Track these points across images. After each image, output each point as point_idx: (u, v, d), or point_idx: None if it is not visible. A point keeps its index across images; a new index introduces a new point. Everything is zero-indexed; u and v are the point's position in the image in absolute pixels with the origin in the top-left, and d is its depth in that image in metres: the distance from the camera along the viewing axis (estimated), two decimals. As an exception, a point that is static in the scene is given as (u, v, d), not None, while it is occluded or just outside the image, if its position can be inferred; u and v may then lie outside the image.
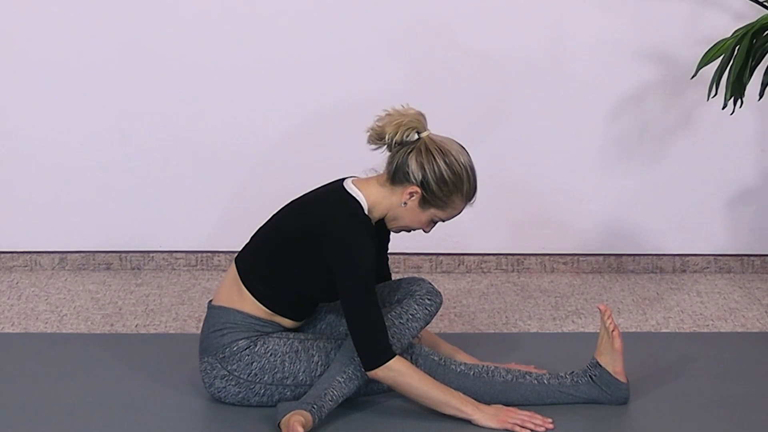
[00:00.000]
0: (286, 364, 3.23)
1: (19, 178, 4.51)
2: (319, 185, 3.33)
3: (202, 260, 4.58)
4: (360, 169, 3.29)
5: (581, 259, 4.60)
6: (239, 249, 3.35)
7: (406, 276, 3.69)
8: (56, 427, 3.17)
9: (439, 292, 3.35)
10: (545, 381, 3.30)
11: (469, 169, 3.20)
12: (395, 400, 3.30)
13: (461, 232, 4.44)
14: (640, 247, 4.60)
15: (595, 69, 4.44)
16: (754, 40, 3.87)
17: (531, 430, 3.16)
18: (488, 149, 4.40)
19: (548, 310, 4.19)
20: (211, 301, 3.34)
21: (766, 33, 3.89)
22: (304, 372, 3.24)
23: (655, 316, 4.14)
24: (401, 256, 4.56)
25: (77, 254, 4.57)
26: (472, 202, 3.25)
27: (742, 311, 4.18)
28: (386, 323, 3.18)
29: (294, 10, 4.39)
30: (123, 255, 4.58)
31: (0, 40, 4.40)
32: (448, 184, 3.17)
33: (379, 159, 3.24)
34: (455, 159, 3.17)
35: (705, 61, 3.92)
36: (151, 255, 4.58)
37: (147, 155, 4.49)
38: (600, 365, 3.30)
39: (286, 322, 3.30)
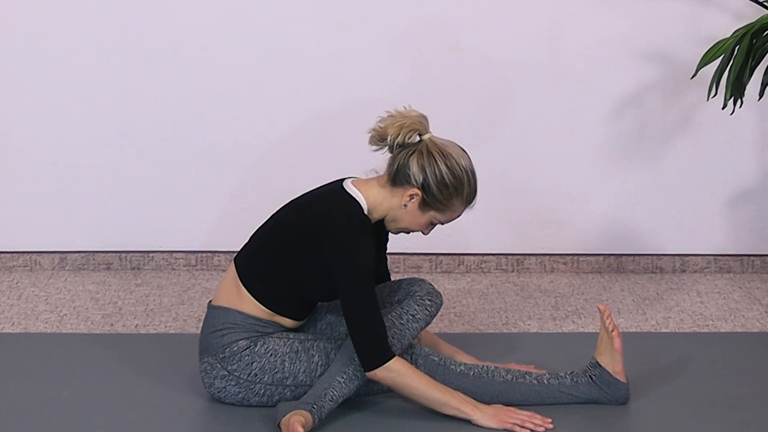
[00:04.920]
0: (286, 365, 3.23)
1: (19, 178, 4.51)
2: (319, 185, 3.33)
3: (201, 260, 4.58)
4: (360, 169, 3.29)
5: (581, 259, 4.60)
6: (239, 249, 3.35)
7: (406, 276, 3.70)
8: (56, 427, 3.17)
9: (440, 293, 3.35)
10: (545, 381, 3.30)
11: (469, 172, 3.20)
12: (395, 400, 3.30)
13: (461, 232, 4.43)
14: (640, 247, 4.60)
15: (595, 69, 4.44)
16: (754, 40, 3.87)
17: (531, 430, 3.16)
18: (489, 149, 4.40)
19: (548, 310, 4.19)
20: (210, 301, 3.34)
21: (766, 33, 3.89)
22: (304, 372, 3.24)
23: (655, 316, 4.14)
24: (401, 256, 4.56)
25: (77, 254, 4.57)
26: (471, 205, 3.25)
27: (742, 311, 4.18)
28: (386, 324, 3.19)
29: (295, 10, 4.39)
30: (123, 255, 4.58)
31: (0, 41, 4.40)
32: (448, 188, 3.17)
33: (380, 160, 3.24)
34: (456, 162, 3.17)
35: (705, 61, 3.92)
36: (151, 255, 4.58)
37: (147, 155, 4.49)
38: (600, 365, 3.30)
39: (287, 322, 3.30)
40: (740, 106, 3.98)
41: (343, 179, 3.27)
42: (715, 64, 3.95)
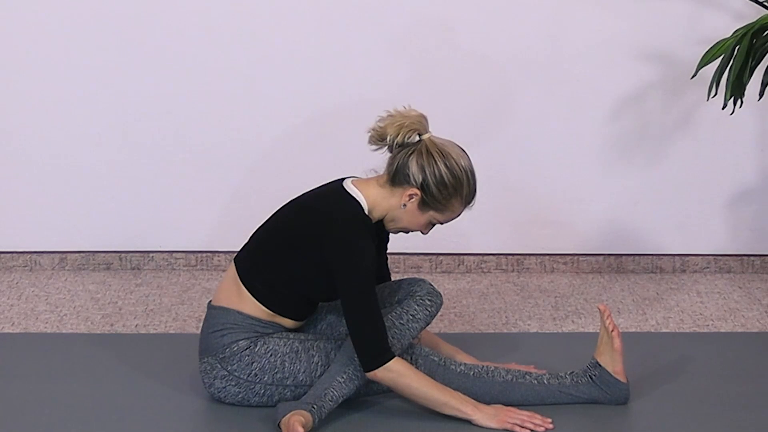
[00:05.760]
0: (286, 365, 3.23)
1: (19, 178, 4.51)
2: (319, 185, 3.33)
3: (201, 260, 4.58)
4: (360, 169, 3.29)
5: (581, 259, 4.60)
6: (239, 249, 3.35)
7: (406, 276, 3.70)
8: (56, 427, 3.17)
9: (440, 293, 3.35)
10: (545, 381, 3.30)
11: (469, 172, 3.20)
12: (395, 400, 3.30)
13: (461, 232, 4.44)
14: (640, 247, 4.60)
15: (595, 69, 4.44)
16: (754, 40, 3.87)
17: (531, 430, 3.16)
18: (489, 149, 4.40)
19: (548, 310, 4.19)
20: (210, 301, 3.34)
21: (766, 33, 3.89)
22: (304, 372, 3.24)
23: (655, 316, 4.14)
24: (401, 256, 4.56)
25: (77, 254, 4.57)
26: (471, 206, 3.25)
27: (742, 311, 4.18)
28: (386, 324, 3.18)
29: (294, 10, 4.39)
30: (123, 255, 4.58)
31: (0, 41, 4.40)
32: (447, 188, 3.17)
33: (380, 160, 3.24)
34: (456, 162, 3.17)
35: (705, 61, 3.92)
36: (151, 255, 4.58)
37: (147, 155, 4.49)
38: (600, 365, 3.30)
39: (287, 322, 3.30)
40: (740, 106, 3.98)
41: (343, 179, 3.27)
42: (715, 64, 3.95)
